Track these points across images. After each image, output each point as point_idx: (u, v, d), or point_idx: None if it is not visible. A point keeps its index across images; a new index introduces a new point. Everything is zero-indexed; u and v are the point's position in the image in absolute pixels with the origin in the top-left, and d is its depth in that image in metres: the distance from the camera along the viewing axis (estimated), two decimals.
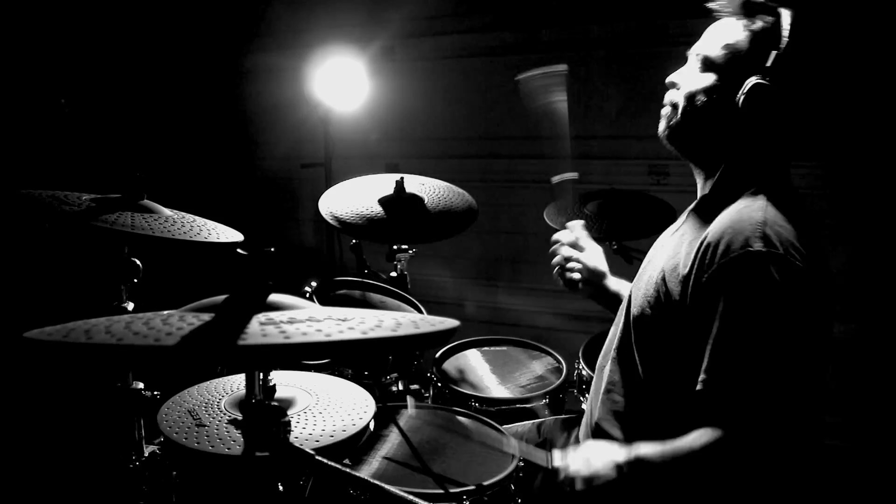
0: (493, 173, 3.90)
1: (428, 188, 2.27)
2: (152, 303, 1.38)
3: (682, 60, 1.52)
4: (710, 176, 1.49)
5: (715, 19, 1.47)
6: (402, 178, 2.18)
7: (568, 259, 1.87)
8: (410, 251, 2.31)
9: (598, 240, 1.94)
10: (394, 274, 2.34)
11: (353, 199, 2.17)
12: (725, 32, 1.43)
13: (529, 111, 1.91)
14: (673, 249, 1.45)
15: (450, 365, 2.24)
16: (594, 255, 1.89)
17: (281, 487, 1.11)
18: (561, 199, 2.13)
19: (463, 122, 3.97)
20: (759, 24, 1.39)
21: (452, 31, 3.89)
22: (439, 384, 2.11)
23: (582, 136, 1.58)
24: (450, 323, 0.90)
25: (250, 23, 4.45)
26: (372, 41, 3.92)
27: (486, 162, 3.92)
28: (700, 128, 1.45)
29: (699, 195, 1.53)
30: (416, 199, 2.20)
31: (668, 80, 1.51)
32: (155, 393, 1.59)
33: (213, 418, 1.43)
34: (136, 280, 1.61)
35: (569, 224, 1.93)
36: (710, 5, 1.46)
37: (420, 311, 2.28)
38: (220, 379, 1.64)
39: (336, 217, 2.08)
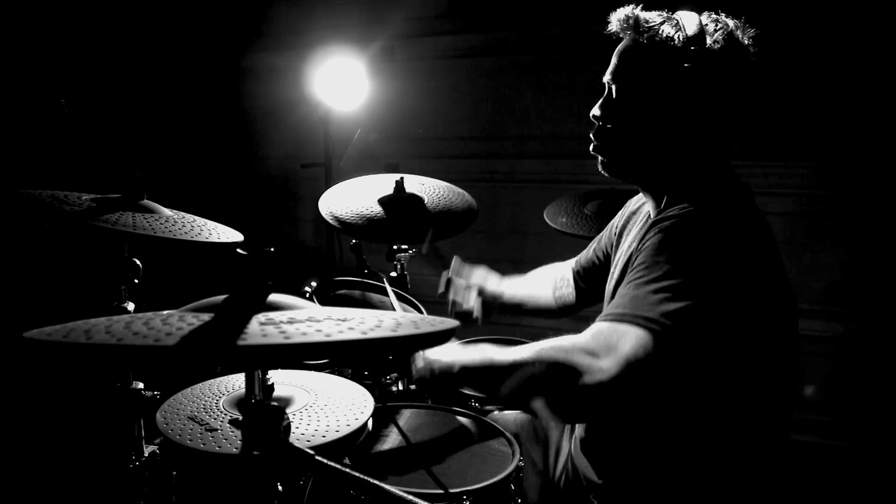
0: (493, 173, 3.89)
1: (428, 188, 2.27)
2: (152, 303, 1.38)
3: None
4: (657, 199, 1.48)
5: (617, 43, 1.43)
6: (402, 178, 2.18)
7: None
8: (410, 251, 2.31)
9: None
10: (394, 274, 2.34)
11: (352, 199, 2.17)
12: (635, 53, 1.39)
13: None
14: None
15: None
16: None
17: (280, 487, 1.11)
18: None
19: (463, 121, 3.97)
20: (664, 33, 1.34)
21: (452, 30, 3.89)
22: None
23: (583, 136, 1.57)
24: (450, 323, 0.90)
25: (250, 23, 4.45)
26: (372, 41, 3.92)
27: (487, 162, 3.91)
28: (640, 154, 1.44)
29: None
30: (416, 199, 2.20)
31: (591, 114, 1.47)
32: (155, 393, 1.59)
33: (213, 418, 1.43)
34: (136, 280, 1.61)
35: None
36: (611, 28, 1.41)
37: (420, 311, 2.28)
38: (217, 379, 1.64)
39: (336, 217, 2.07)
